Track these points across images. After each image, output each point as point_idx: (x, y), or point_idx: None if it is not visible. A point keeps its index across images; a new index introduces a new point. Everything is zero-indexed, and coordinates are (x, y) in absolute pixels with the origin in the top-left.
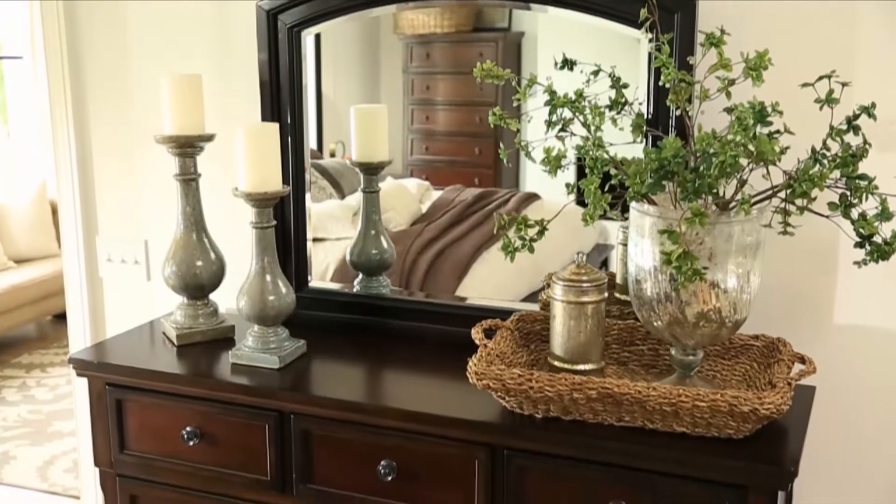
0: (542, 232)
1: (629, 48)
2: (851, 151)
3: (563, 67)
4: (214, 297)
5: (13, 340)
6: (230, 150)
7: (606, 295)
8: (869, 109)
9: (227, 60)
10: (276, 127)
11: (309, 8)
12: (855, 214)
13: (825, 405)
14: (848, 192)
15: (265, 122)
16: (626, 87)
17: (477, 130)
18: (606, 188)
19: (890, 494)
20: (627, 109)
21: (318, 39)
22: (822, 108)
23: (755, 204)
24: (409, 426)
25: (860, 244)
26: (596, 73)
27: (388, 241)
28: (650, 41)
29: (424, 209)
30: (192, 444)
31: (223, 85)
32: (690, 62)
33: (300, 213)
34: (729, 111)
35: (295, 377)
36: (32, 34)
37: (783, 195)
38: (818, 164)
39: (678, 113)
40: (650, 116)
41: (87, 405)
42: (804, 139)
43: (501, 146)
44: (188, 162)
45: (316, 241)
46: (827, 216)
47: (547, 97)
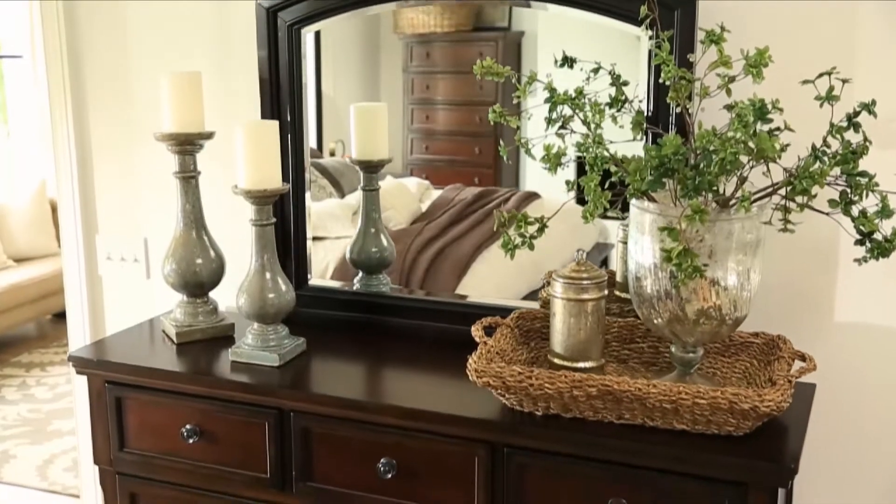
0: (542, 229)
1: (629, 47)
2: (852, 148)
3: (563, 65)
4: (214, 295)
5: (13, 339)
6: (230, 148)
7: (606, 292)
8: (869, 106)
9: (226, 59)
10: (275, 124)
11: (308, 5)
12: (855, 212)
13: (825, 403)
14: (848, 189)
15: (265, 119)
16: (626, 84)
17: (477, 130)
18: (606, 186)
19: (890, 492)
20: (627, 107)
21: (318, 39)
22: (822, 105)
23: (755, 201)
24: (408, 424)
25: (860, 241)
26: (596, 70)
27: (388, 239)
28: (650, 38)
29: (424, 208)
30: (191, 441)
31: (223, 83)
32: (690, 59)
33: (300, 211)
34: (729, 108)
35: (294, 375)
36: (32, 33)
37: (783, 192)
38: (818, 161)
39: (678, 110)
40: (650, 114)
41: (86, 404)
42: (804, 136)
43: (501, 143)
44: (188, 160)
45: (316, 239)
46: (827, 213)
47: (547, 94)
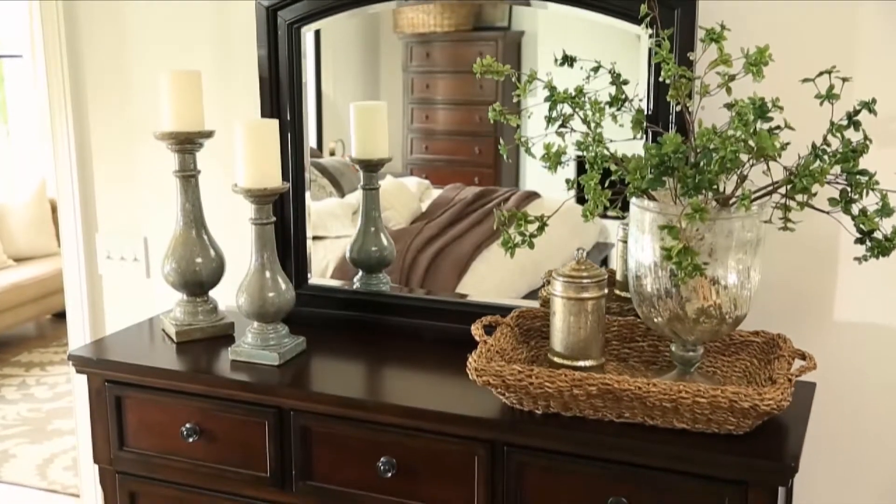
0: (541, 228)
1: (629, 47)
2: (852, 147)
3: (563, 64)
4: (214, 294)
5: (13, 339)
6: (229, 147)
7: (606, 291)
8: (869, 105)
9: (226, 58)
10: (275, 123)
11: (308, 4)
12: (855, 210)
13: (825, 401)
14: (848, 187)
15: (265, 118)
16: (626, 83)
17: (477, 129)
18: (606, 184)
19: (890, 490)
20: (627, 106)
21: (317, 38)
22: (822, 103)
23: (755, 200)
24: (408, 423)
25: (861, 240)
26: (596, 69)
27: (387, 238)
28: (650, 37)
29: (424, 207)
30: (191, 440)
31: (223, 82)
32: (691, 58)
33: (300, 210)
34: (729, 107)
35: (294, 374)
36: (32, 33)
37: (783, 191)
38: (819, 159)
39: (678, 109)
40: (650, 113)
41: (86, 403)
42: (804, 135)
43: (501, 142)
44: (187, 158)
45: (315, 239)
46: (827, 212)
47: (547, 93)
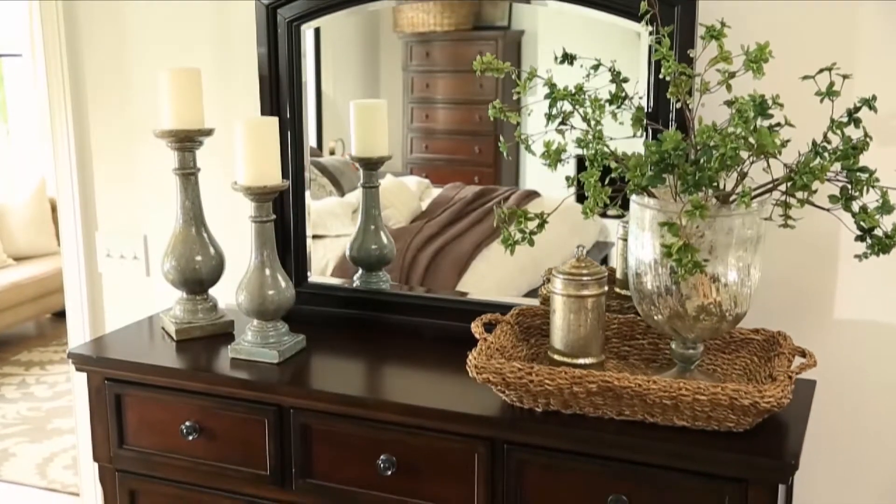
0: (541, 225)
1: (629, 46)
2: (852, 144)
3: (563, 62)
4: (214, 292)
5: (12, 338)
6: (229, 145)
7: (606, 289)
8: (870, 102)
9: (226, 56)
10: (275, 121)
11: (308, 2)
12: (856, 207)
13: (826, 399)
14: (849, 184)
15: (264, 116)
16: (626, 81)
17: (477, 129)
18: (606, 182)
19: (890, 488)
20: (627, 103)
21: (317, 38)
22: (822, 100)
23: (756, 197)
24: (408, 420)
25: (861, 237)
26: (596, 67)
27: (387, 236)
28: (650, 34)
29: (424, 206)
30: (191, 438)
31: (222, 81)
32: (691, 55)
33: (299, 208)
34: (729, 104)
35: (294, 372)
36: (32, 32)
37: (784, 188)
38: (819, 156)
39: (678, 106)
40: (650, 110)
41: (86, 402)
42: (805, 132)
43: (501, 139)
44: (187, 156)
45: (315, 238)
46: (828, 209)
47: (547, 90)
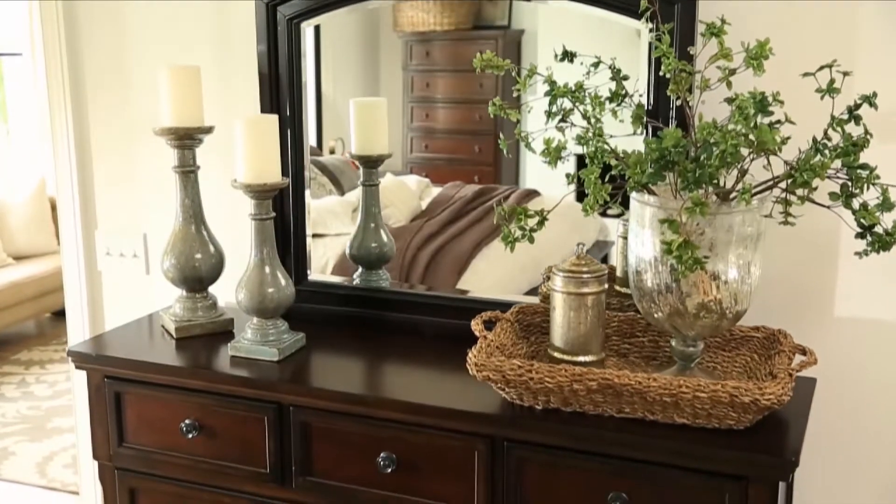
0: (542, 222)
1: (629, 45)
2: (853, 141)
3: (563, 59)
4: (213, 290)
5: (12, 337)
6: (229, 143)
7: (607, 286)
8: (870, 99)
9: (226, 54)
10: (275, 118)
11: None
12: (856, 204)
13: (826, 397)
14: (849, 181)
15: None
16: (626, 78)
17: (477, 128)
18: (606, 179)
19: (891, 486)
20: (627, 101)
21: (317, 37)
22: (823, 97)
23: (756, 194)
24: (408, 418)
25: (861, 234)
26: (596, 64)
27: (387, 234)
28: (650, 31)
29: (424, 205)
30: (190, 436)
31: (222, 79)
32: (691, 52)
33: (299, 206)
34: (730, 101)
35: (294, 369)
36: (31, 31)
37: (784, 185)
38: (819, 153)
39: (678, 103)
40: (650, 108)
41: (86, 401)
42: (805, 129)
43: (501, 136)
44: (187, 154)
45: (315, 236)
46: (828, 206)
47: (547, 88)
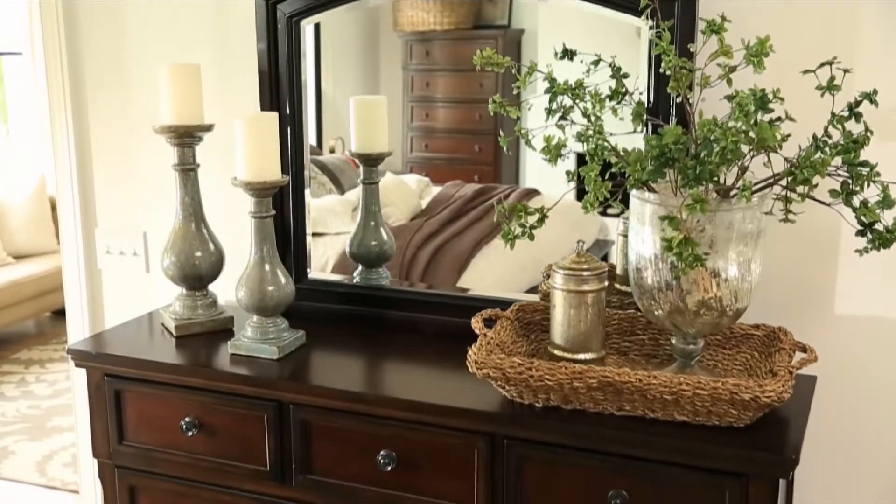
0: (542, 219)
1: (629, 44)
2: (853, 138)
3: (563, 57)
4: (213, 288)
5: (12, 336)
6: (229, 141)
7: (607, 284)
8: (871, 96)
9: (225, 52)
10: (275, 116)
11: None
12: (856, 202)
13: (826, 395)
14: (849, 179)
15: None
16: (626, 76)
17: (477, 127)
18: (606, 177)
19: (891, 484)
20: (628, 99)
21: (317, 37)
22: (823, 94)
23: (756, 191)
24: (408, 416)
25: (862, 232)
26: (596, 62)
27: (387, 232)
28: (651, 29)
29: (424, 204)
30: (190, 434)
31: (222, 77)
32: (691, 49)
33: (299, 205)
34: (730, 99)
35: (294, 367)
36: (31, 31)
37: (784, 182)
38: (820, 151)
39: (679, 100)
40: (650, 106)
41: (86, 399)
42: (806, 126)
43: (501, 133)
44: (187, 152)
45: (315, 235)
46: (828, 204)
47: (547, 85)
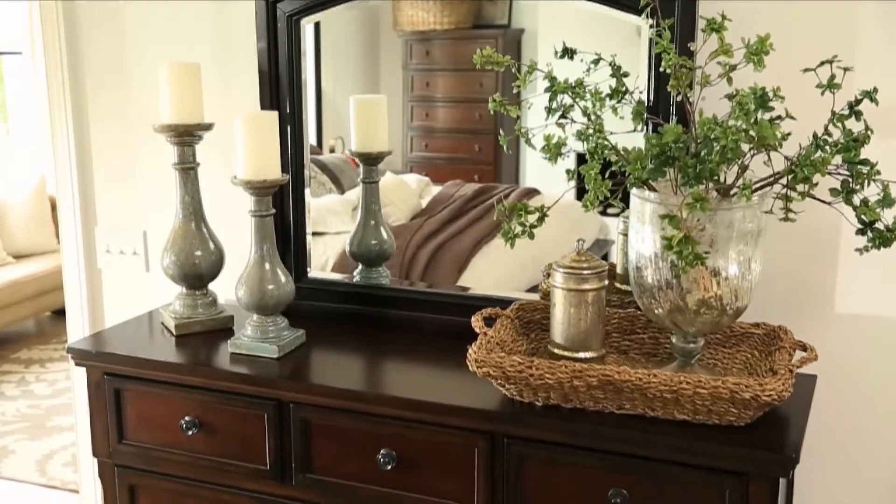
0: (542, 218)
1: (629, 43)
2: (853, 137)
3: (563, 56)
4: (213, 287)
5: (12, 336)
6: (229, 140)
7: (607, 282)
8: (871, 94)
9: (225, 51)
10: (275, 115)
11: None
12: (857, 201)
13: (826, 394)
14: (850, 178)
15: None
16: (626, 75)
17: (477, 127)
18: (607, 175)
19: (891, 483)
20: (628, 98)
21: (317, 36)
22: (823, 93)
23: (756, 190)
24: (408, 414)
25: (862, 231)
26: (596, 61)
27: (387, 231)
28: (651, 27)
29: (424, 204)
30: (190, 433)
31: (222, 76)
32: (691, 48)
33: (299, 204)
34: (730, 97)
35: (294, 366)
36: (31, 30)
37: (784, 181)
38: (820, 149)
39: (679, 99)
40: (650, 105)
41: (85, 399)
42: (806, 125)
43: (502, 133)
44: (187, 151)
45: (315, 235)
46: (829, 203)
47: (547, 84)
